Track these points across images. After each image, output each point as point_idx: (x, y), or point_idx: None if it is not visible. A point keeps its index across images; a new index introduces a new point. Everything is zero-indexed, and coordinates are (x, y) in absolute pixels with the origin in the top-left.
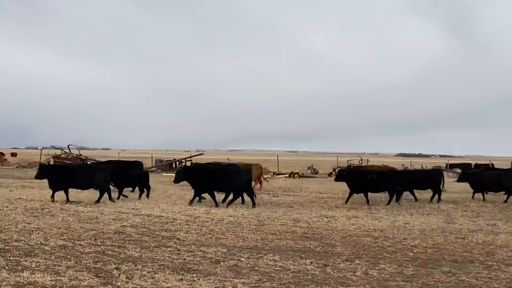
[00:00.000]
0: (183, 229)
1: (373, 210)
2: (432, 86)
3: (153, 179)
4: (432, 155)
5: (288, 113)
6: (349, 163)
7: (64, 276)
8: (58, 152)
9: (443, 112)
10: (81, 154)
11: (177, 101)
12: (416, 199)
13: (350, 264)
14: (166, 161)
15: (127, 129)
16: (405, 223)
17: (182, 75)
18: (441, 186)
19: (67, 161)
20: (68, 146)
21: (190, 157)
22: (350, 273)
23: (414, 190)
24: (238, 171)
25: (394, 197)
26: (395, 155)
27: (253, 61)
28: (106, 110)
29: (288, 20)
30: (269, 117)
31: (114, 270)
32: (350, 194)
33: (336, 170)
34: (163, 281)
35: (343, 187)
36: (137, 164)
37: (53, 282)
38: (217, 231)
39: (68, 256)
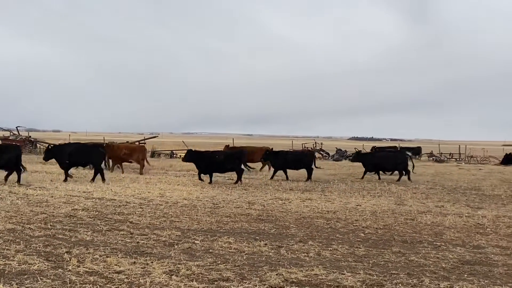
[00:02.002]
0: (137, 212)
1: (327, 192)
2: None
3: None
4: (384, 138)
5: (245, 96)
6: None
7: (13, 260)
8: (7, 134)
9: (398, 97)
10: (30, 136)
11: (132, 83)
12: (287, 178)
13: (304, 245)
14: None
15: (79, 111)
16: (357, 205)
17: (137, 57)
18: (313, 166)
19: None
20: (16, 127)
21: (144, 139)
22: (303, 254)
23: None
24: (6, 148)
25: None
26: (348, 139)
27: (211, 44)
28: (58, 91)
29: (249, 2)
30: (226, 100)
31: (65, 253)
32: (199, 174)
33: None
34: (116, 265)
35: (300, 171)
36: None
37: (2, 266)
38: (171, 214)
39: (17, 240)
